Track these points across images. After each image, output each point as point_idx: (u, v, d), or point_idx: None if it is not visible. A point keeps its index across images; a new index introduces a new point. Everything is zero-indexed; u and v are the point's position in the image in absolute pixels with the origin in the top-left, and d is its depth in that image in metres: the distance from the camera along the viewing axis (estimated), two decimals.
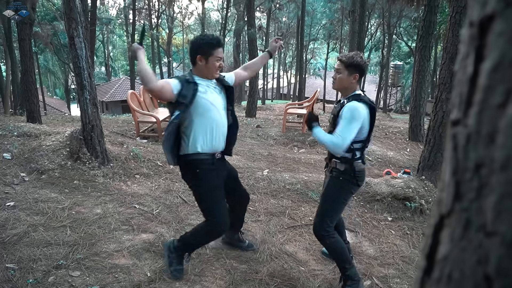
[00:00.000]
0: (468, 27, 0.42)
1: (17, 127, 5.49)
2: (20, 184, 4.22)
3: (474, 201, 0.38)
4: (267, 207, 4.49)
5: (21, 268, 2.71)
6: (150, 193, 4.50)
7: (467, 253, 0.39)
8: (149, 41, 32.47)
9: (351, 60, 2.69)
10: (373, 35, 29.90)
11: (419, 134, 8.61)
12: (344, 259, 2.93)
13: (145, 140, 7.27)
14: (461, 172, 0.40)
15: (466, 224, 0.39)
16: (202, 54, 2.70)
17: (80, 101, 4.76)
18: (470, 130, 0.39)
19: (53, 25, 21.13)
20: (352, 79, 2.72)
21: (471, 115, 0.39)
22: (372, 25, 29.07)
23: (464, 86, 0.41)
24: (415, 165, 5.93)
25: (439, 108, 4.91)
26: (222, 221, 2.84)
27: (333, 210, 2.91)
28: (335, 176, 2.84)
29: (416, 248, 3.92)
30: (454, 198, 0.41)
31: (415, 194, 4.62)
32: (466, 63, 0.42)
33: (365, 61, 2.75)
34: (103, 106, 32.56)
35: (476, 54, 0.40)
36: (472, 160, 0.39)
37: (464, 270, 0.39)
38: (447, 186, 0.42)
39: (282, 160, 6.42)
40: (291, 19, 33.45)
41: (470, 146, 0.39)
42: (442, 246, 0.42)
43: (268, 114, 11.07)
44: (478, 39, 0.40)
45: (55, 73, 35.67)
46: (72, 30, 4.53)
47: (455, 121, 0.42)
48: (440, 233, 0.43)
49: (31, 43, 7.92)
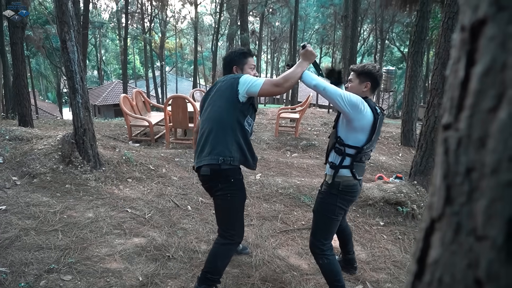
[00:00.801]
0: (460, 32, 0.42)
1: (8, 131, 5.44)
2: (11, 188, 4.18)
3: (464, 205, 0.38)
4: (259, 211, 4.49)
5: (12, 271, 2.68)
6: (142, 197, 4.48)
7: (457, 257, 0.39)
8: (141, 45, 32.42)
9: (363, 68, 2.65)
10: (365, 40, 30.14)
11: (411, 139, 8.66)
12: (337, 284, 2.76)
13: (137, 144, 7.24)
14: (452, 176, 0.40)
15: (456, 228, 0.39)
16: (237, 64, 2.77)
17: (72, 104, 4.73)
18: (461, 134, 0.39)
19: (45, 28, 21.04)
20: (364, 87, 2.63)
21: (462, 119, 0.40)
22: (365, 30, 29.31)
23: (455, 90, 0.42)
24: (407, 170, 5.96)
25: (431, 113, 4.95)
26: (242, 232, 2.80)
27: (325, 228, 2.74)
28: (323, 191, 2.72)
29: (408, 252, 3.94)
30: (445, 202, 0.41)
31: (407, 199, 4.64)
32: (457, 67, 0.42)
33: (378, 69, 2.66)
34: (96, 110, 32.41)
35: (467, 59, 0.41)
36: (463, 164, 0.39)
37: (454, 274, 0.39)
38: (438, 190, 0.42)
39: (275, 165, 6.42)
40: (284, 24, 33.59)
41: (461, 150, 0.39)
42: (433, 250, 0.42)
43: (261, 118, 11.07)
44: (469, 43, 0.41)
45: (47, 76, 35.46)
46: (64, 33, 4.50)
47: (446, 125, 0.42)
48: (431, 237, 0.43)
49: (23, 46, 7.86)
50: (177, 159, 5.99)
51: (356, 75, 2.67)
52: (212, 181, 2.58)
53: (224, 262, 2.73)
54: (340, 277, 2.78)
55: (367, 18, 26.04)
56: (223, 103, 2.60)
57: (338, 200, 2.64)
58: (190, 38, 38.96)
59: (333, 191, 2.63)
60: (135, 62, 43.58)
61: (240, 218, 2.73)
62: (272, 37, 35.33)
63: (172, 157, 6.03)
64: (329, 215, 2.68)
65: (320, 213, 2.72)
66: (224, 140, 2.52)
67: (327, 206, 2.68)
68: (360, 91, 2.64)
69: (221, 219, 2.73)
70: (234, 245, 2.73)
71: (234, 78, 2.62)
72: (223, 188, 2.56)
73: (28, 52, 22.58)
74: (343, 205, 2.69)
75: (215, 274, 2.69)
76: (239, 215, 2.72)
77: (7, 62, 16.90)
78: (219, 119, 2.57)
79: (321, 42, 33.86)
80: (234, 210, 2.65)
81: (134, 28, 31.57)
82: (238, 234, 2.73)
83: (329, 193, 2.65)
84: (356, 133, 2.53)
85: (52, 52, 23.55)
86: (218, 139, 2.53)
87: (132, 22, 30.34)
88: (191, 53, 40.09)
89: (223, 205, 2.63)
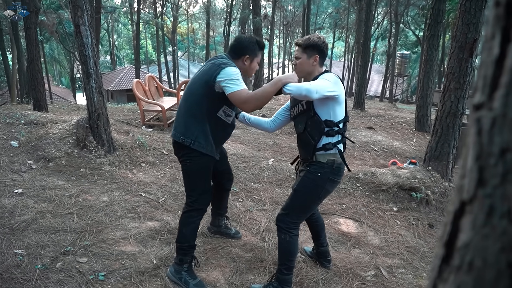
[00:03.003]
0: (494, 7, 0.40)
1: (24, 115, 5.50)
2: (27, 172, 4.24)
3: (498, 187, 0.37)
4: (272, 196, 4.50)
5: (29, 254, 2.74)
6: (156, 181, 4.51)
7: (490, 240, 0.37)
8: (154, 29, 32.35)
9: (308, 41, 2.56)
10: (379, 24, 29.60)
11: (425, 124, 8.56)
12: (287, 264, 2.69)
13: (150, 129, 7.28)
14: (485, 158, 0.39)
15: (489, 210, 0.38)
16: (250, 54, 2.67)
17: (86, 89, 4.76)
18: (496, 113, 0.38)
19: (59, 13, 21.06)
20: (313, 61, 2.56)
21: (497, 98, 0.38)
22: (379, 13, 28.75)
23: (489, 68, 0.40)
24: (422, 156, 5.90)
25: (447, 98, 4.86)
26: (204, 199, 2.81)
27: (304, 208, 2.67)
28: (313, 170, 2.57)
29: (422, 238, 3.92)
30: (477, 184, 0.39)
31: (421, 185, 4.60)
32: (491, 44, 0.40)
33: (323, 40, 2.59)
34: (108, 95, 32.59)
35: (502, 35, 0.39)
36: (497, 144, 0.37)
37: (486, 258, 0.37)
38: (470, 172, 0.41)
39: (287, 150, 6.41)
40: (297, 8, 33.17)
41: (495, 130, 0.38)
42: (463, 234, 0.41)
43: (273, 103, 11.02)
44: (504, 19, 0.39)
45: (60, 61, 35.68)
46: (77, 18, 4.51)
47: (479, 105, 0.41)
48: (461, 220, 0.42)
49: (37, 31, 7.90)
50: None
51: (302, 49, 2.58)
52: (176, 150, 2.74)
53: (188, 229, 2.77)
54: (294, 258, 2.72)
55: (382, 1, 25.54)
56: (198, 86, 2.61)
57: (328, 183, 2.56)
58: (202, 22, 38.80)
59: (326, 171, 2.54)
60: (147, 47, 43.57)
61: (200, 184, 2.74)
62: (285, 21, 34.93)
63: None
64: (313, 197, 2.62)
65: (303, 193, 2.61)
66: (186, 122, 2.62)
67: (315, 187, 2.58)
68: (309, 65, 2.58)
69: (184, 184, 2.81)
70: (195, 211, 2.76)
71: (219, 65, 2.52)
72: (184, 155, 2.66)
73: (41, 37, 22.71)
74: (331, 187, 2.63)
75: (183, 241, 2.76)
76: (199, 182, 2.73)
77: (21, 47, 17.04)
78: (189, 101, 2.64)
79: (334, 26, 33.40)
80: (193, 175, 2.71)
81: (146, 12, 31.48)
82: (199, 201, 2.75)
83: (321, 173, 2.55)
84: (339, 106, 2.51)
85: (65, 37, 23.62)
86: (182, 118, 2.64)
87: (144, 6, 30.25)
88: (203, 38, 39.92)
89: (183, 170, 2.74)
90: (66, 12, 20.22)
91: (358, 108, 11.20)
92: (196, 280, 2.76)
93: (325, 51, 2.62)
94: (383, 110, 12.03)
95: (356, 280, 3.08)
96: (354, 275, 3.14)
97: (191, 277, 2.75)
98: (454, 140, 4.93)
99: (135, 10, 26.40)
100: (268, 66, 33.03)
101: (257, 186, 4.74)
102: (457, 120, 4.87)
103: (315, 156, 2.57)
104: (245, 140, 6.75)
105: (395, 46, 26.46)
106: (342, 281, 3.05)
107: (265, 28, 26.56)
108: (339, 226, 3.99)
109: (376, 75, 35.46)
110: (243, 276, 2.95)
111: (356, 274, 3.16)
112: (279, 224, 2.68)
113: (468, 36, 4.64)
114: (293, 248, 2.68)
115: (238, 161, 5.39)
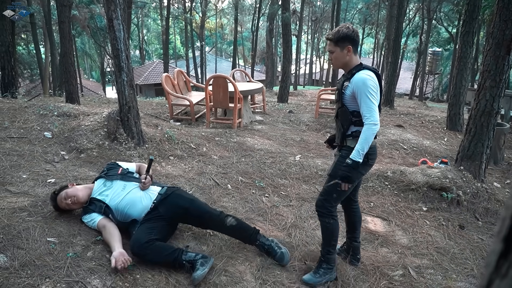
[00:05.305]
0: None
1: (57, 107, 5.65)
2: (60, 162, 4.35)
3: None
4: (298, 192, 4.48)
5: (61, 242, 2.81)
6: (184, 174, 4.56)
7: None
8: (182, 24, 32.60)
9: (338, 34, 2.64)
10: (411, 20, 28.92)
11: (457, 123, 8.33)
12: (332, 244, 2.89)
13: (178, 123, 7.36)
14: None
15: None
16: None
17: (117, 82, 4.84)
18: None
19: (90, 8, 21.51)
20: (347, 52, 2.65)
21: None
22: (411, 9, 28.08)
23: None
24: (453, 155, 5.75)
25: (482, 96, 4.71)
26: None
27: (340, 192, 2.77)
28: (345, 155, 2.71)
29: (452, 239, 3.82)
30: None
31: (453, 185, 4.48)
32: None
33: (353, 29, 2.65)
34: (137, 89, 33.14)
35: None
36: None
37: None
38: None
39: (315, 146, 6.37)
40: (326, 3, 32.82)
41: None
42: None
43: (300, 100, 10.96)
44: None
45: (91, 56, 36.46)
46: (111, 12, 4.58)
47: None
48: None
49: (70, 25, 8.09)
50: (217, 138, 6.04)
51: (334, 43, 2.67)
52: None
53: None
54: (337, 237, 2.92)
55: None
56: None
57: (361, 165, 2.63)
58: (230, 18, 38.87)
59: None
60: (175, 42, 44.01)
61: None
62: (313, 17, 34.62)
63: (213, 136, 6.09)
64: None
65: (336, 177, 2.73)
66: None
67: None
68: (344, 57, 2.67)
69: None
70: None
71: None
72: None
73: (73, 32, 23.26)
74: (365, 170, 2.81)
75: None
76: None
77: (54, 41, 17.50)
78: None
79: (363, 22, 32.88)
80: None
81: (176, 8, 31.76)
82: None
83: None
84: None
85: (97, 31, 24.10)
86: None
87: (174, 1, 30.54)
88: (231, 33, 40.03)
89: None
90: (97, 6, 20.63)
91: (387, 105, 11.00)
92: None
93: (357, 40, 2.69)
94: (413, 108, 11.77)
95: (384, 279, 3.04)
96: (381, 274, 3.10)
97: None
98: (488, 139, 4.77)
99: (164, 5, 26.70)
100: (296, 62, 32.83)
101: (283, 182, 4.72)
102: (492, 119, 4.71)
103: (346, 141, 2.75)
104: (272, 135, 6.73)
105: (427, 43, 25.86)
106: (369, 279, 3.02)
107: (294, 23, 26.39)
108: (366, 224, 3.94)
109: (406, 73, 34.70)
110: (269, 271, 2.95)
111: (383, 273, 3.12)
112: (320, 210, 2.87)
113: (506, 33, 4.48)
114: (337, 229, 2.89)
115: (265, 156, 5.38)
